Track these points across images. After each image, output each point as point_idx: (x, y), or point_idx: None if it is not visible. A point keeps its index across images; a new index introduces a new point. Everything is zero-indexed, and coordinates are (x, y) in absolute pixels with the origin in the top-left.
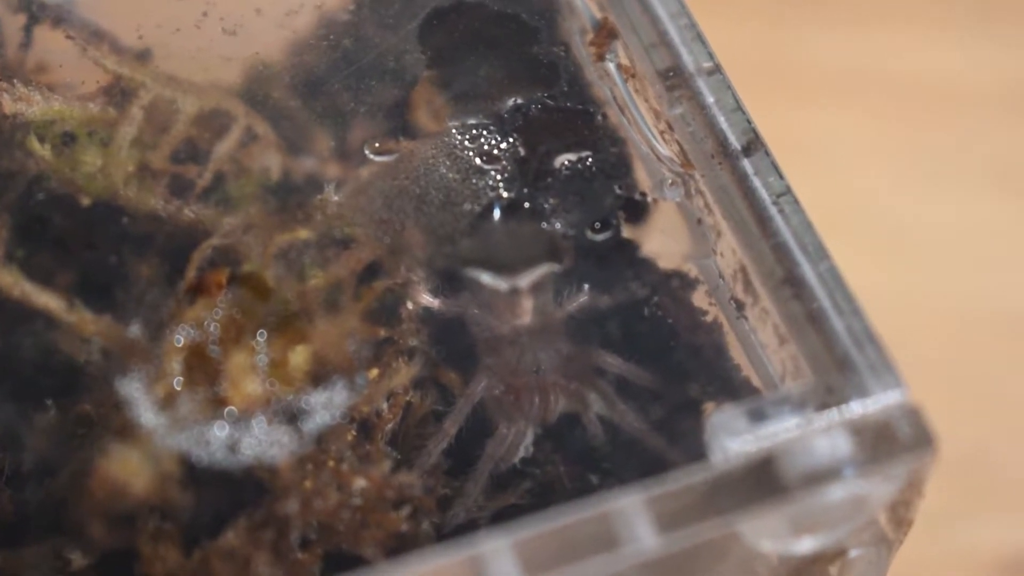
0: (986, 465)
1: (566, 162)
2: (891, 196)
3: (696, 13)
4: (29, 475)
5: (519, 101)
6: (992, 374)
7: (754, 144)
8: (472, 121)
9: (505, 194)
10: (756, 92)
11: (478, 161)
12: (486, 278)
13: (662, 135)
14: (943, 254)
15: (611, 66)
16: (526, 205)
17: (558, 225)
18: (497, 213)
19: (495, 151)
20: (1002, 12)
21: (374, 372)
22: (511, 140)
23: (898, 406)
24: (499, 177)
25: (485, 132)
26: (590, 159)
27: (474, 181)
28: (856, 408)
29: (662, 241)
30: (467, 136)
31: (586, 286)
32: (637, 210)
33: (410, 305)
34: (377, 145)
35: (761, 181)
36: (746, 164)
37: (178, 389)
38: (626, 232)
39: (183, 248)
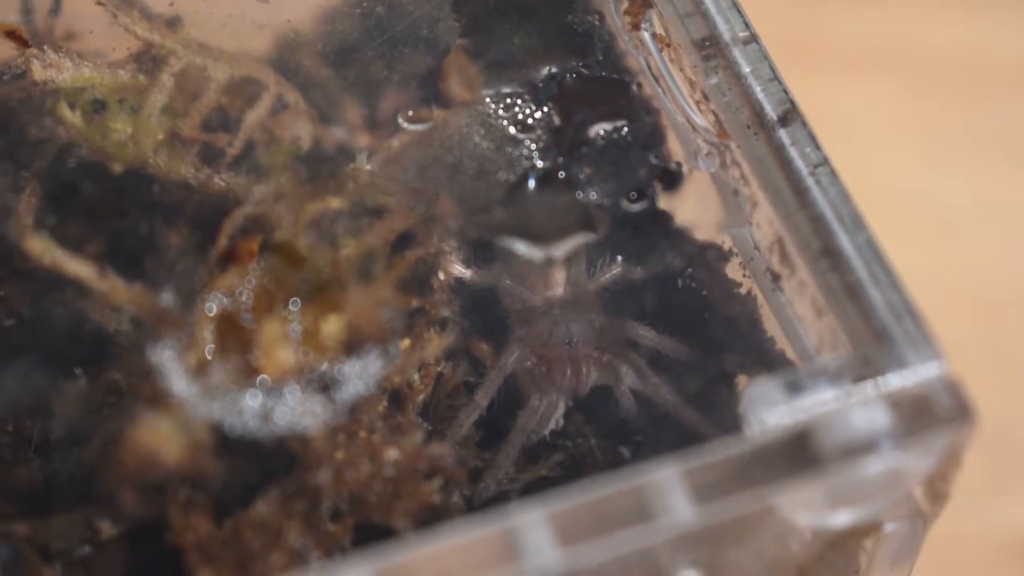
0: (1009, 444)
1: (601, 132)
2: (913, 172)
3: None
4: (58, 444)
5: (553, 70)
6: (1013, 352)
7: (791, 114)
8: (506, 90)
9: (539, 164)
10: (781, 67)
11: (512, 130)
12: (519, 248)
13: (697, 105)
14: (964, 231)
15: (646, 35)
16: (560, 175)
17: (592, 195)
18: (531, 183)
19: (529, 120)
20: None
21: (406, 342)
22: (545, 109)
23: (937, 378)
24: (533, 146)
25: (519, 101)
26: (625, 129)
27: (508, 150)
28: (894, 380)
29: (697, 212)
30: (501, 105)
31: (620, 257)
32: (672, 180)
33: (443, 275)
34: (410, 114)
35: (798, 152)
36: (783, 134)
37: (210, 358)
38: (661, 203)
39: (214, 216)
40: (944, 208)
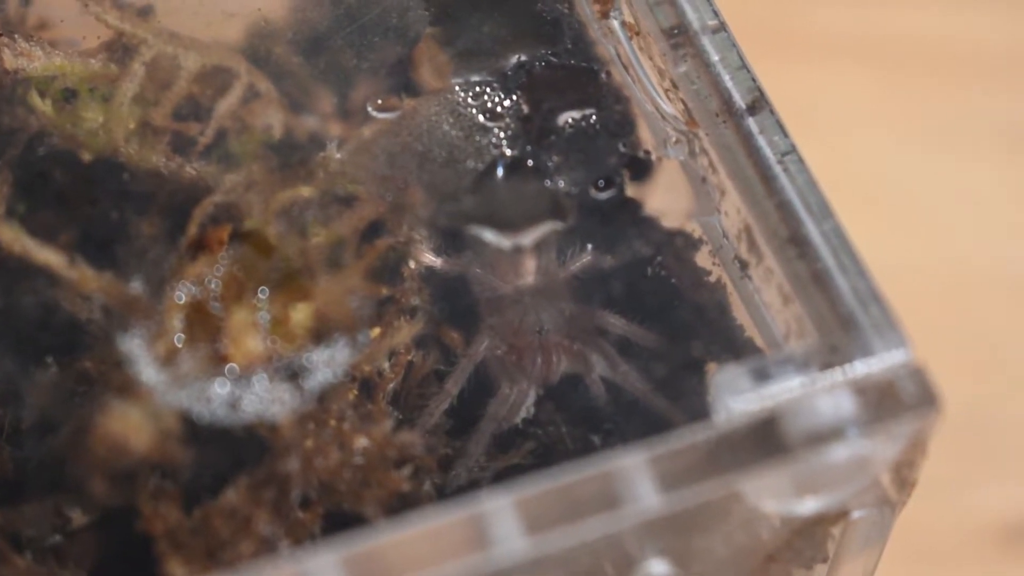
0: (989, 430)
1: (570, 120)
2: (895, 160)
3: None
4: (29, 432)
5: (523, 58)
6: (996, 339)
7: (759, 103)
8: (475, 78)
9: (508, 152)
10: (759, 54)
11: (481, 119)
12: (489, 237)
13: (666, 93)
14: (946, 218)
15: (615, 23)
16: (529, 163)
17: (561, 183)
18: (500, 171)
19: (498, 108)
20: None
21: (376, 331)
22: (514, 98)
23: (902, 365)
24: (502, 135)
25: (488, 89)
26: (594, 117)
27: (477, 139)
28: (860, 367)
29: (666, 200)
30: (470, 93)
31: (589, 245)
32: (641, 168)
33: (412, 264)
34: (380, 102)
35: (766, 140)
36: (751, 123)
37: (179, 346)
38: (630, 191)
39: (185, 205)
40: (917, 194)
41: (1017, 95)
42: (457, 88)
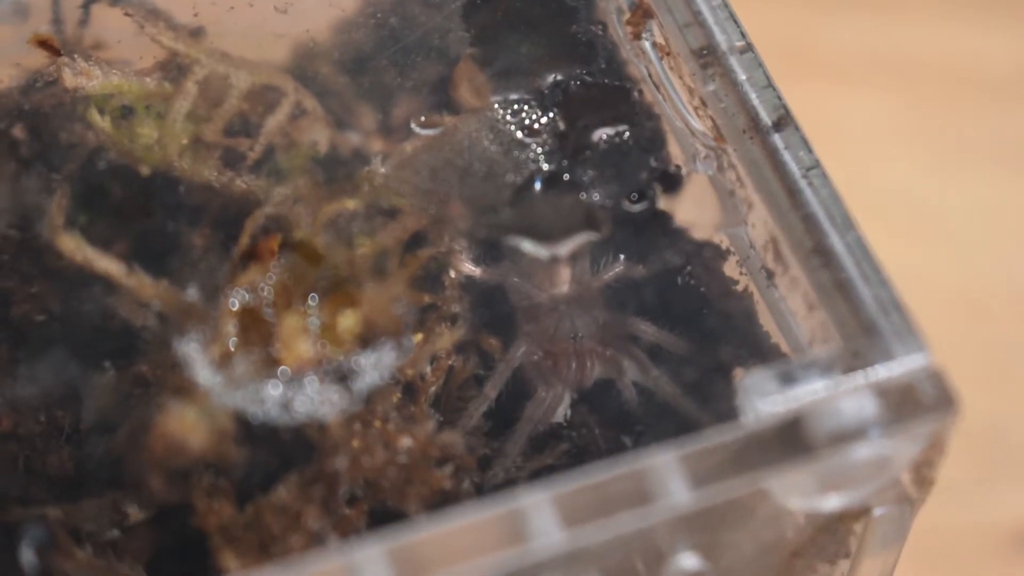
0: (1003, 439)
1: (604, 136)
2: (911, 177)
3: None
4: (89, 433)
5: (559, 78)
6: (1009, 351)
7: (784, 120)
8: (514, 96)
9: (545, 167)
10: (782, 74)
11: (519, 135)
12: (526, 247)
13: (696, 111)
14: (961, 234)
15: (647, 44)
16: (565, 177)
17: (596, 196)
18: (537, 185)
19: (536, 125)
20: None
21: (419, 337)
22: (551, 115)
23: (921, 369)
24: (539, 150)
25: (526, 107)
26: (627, 133)
27: (515, 154)
28: (881, 371)
29: (695, 212)
30: (509, 111)
31: (622, 255)
32: (671, 182)
33: (453, 273)
34: (423, 119)
35: (791, 155)
36: (776, 139)
37: (233, 350)
38: (661, 203)
39: (236, 217)
40: (936, 210)
41: None
42: (496, 106)
